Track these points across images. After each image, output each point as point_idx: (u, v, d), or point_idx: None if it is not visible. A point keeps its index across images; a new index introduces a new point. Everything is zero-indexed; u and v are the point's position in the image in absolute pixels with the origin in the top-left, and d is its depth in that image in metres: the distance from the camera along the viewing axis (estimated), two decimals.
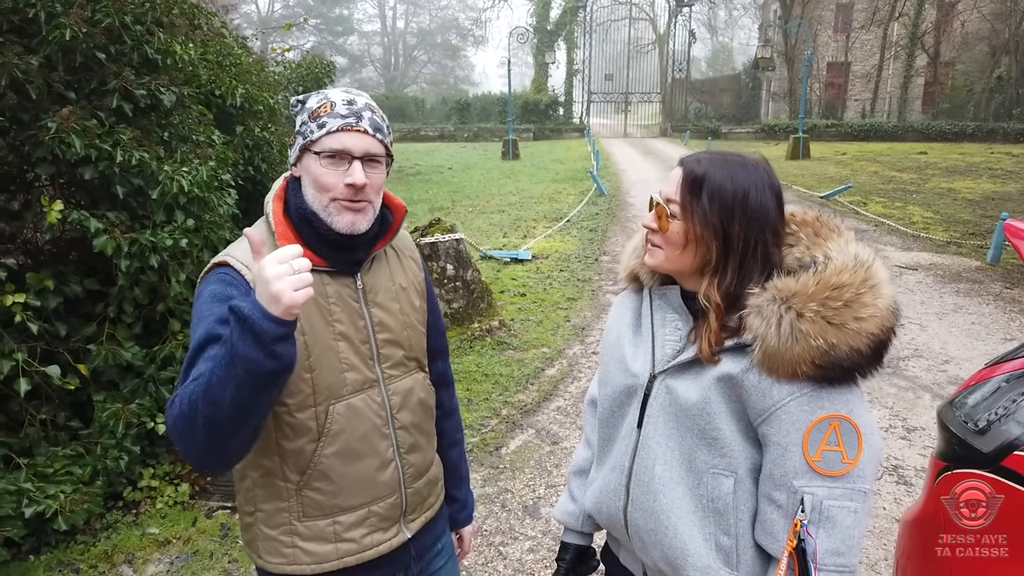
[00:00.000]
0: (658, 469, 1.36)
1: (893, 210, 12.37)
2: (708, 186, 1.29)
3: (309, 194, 1.36)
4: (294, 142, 1.39)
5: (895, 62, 33.32)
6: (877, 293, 1.22)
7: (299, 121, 1.38)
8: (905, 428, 4.45)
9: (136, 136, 3.43)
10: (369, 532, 1.48)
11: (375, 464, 1.46)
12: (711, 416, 1.29)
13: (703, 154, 1.35)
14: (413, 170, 20.35)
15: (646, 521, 1.39)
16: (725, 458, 1.30)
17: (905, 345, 5.88)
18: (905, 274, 8.22)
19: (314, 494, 1.42)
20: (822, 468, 1.22)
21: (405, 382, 1.52)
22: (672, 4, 35.82)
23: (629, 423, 1.43)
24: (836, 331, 1.19)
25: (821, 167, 19.31)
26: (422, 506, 1.60)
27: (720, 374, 1.28)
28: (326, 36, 56.77)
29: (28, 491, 2.99)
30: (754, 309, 1.24)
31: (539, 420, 4.70)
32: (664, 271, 1.39)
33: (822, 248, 1.29)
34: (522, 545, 3.36)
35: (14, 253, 3.49)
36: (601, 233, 10.87)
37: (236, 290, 1.30)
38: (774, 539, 1.27)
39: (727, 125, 33.81)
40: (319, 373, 1.37)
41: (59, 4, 3.22)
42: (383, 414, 1.47)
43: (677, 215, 1.31)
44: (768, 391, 1.23)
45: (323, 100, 1.36)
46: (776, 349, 1.20)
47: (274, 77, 7.41)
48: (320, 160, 1.33)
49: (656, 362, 1.40)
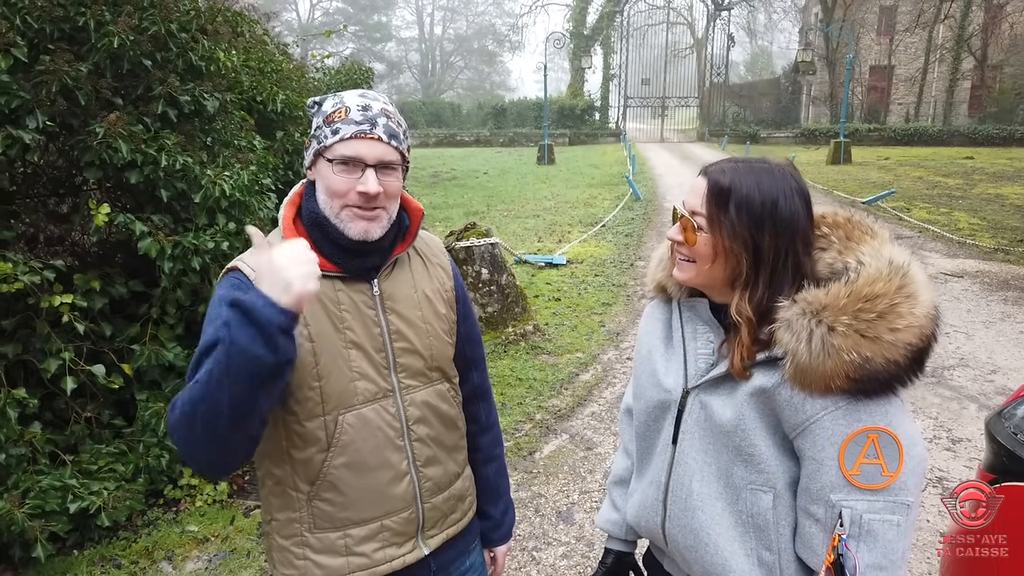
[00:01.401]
0: (695, 485, 1.34)
1: (938, 216, 12.07)
2: (735, 197, 1.24)
3: (321, 199, 1.34)
4: (309, 145, 1.36)
5: (940, 65, 32.54)
6: (914, 301, 1.16)
7: (314, 124, 1.36)
8: (950, 439, 4.33)
9: (180, 141, 3.51)
10: (382, 547, 1.43)
11: (387, 477, 1.41)
12: (746, 433, 1.26)
13: (726, 162, 1.30)
14: (449, 175, 20.48)
15: (685, 537, 1.37)
16: (763, 474, 1.27)
17: (951, 354, 5.73)
18: (951, 281, 8.01)
19: (324, 505, 1.38)
20: (861, 482, 1.18)
21: (424, 393, 1.46)
22: (710, 8, 35.50)
23: (664, 438, 1.42)
24: (870, 344, 1.14)
25: (863, 172, 18.94)
26: (443, 522, 1.53)
27: (753, 389, 1.24)
28: (365, 43, 57.47)
29: (73, 487, 3.07)
30: (784, 323, 1.20)
31: (573, 425, 4.67)
32: (694, 285, 1.35)
33: (854, 252, 1.24)
34: (555, 551, 3.34)
35: (62, 255, 3.59)
36: (637, 238, 10.80)
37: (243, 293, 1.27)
38: (813, 553, 1.24)
39: (766, 129, 33.35)
40: (327, 382, 1.34)
41: (108, 12, 3.31)
42: (397, 425, 1.42)
43: (704, 228, 1.27)
44: (801, 406, 1.20)
45: (338, 105, 1.33)
46: (808, 364, 1.16)
47: (314, 83, 7.52)
48: (333, 167, 1.31)
49: (689, 377, 1.37)
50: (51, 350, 3.19)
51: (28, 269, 3.03)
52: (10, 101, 2.98)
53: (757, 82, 44.22)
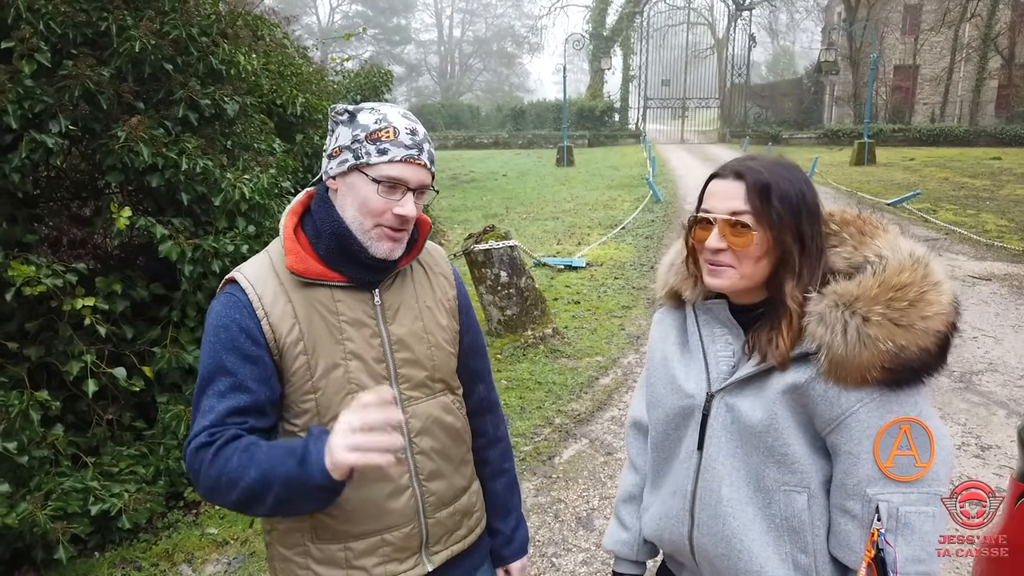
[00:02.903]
0: (725, 491, 1.31)
1: (965, 218, 11.87)
2: (776, 190, 1.24)
3: (350, 214, 1.33)
4: (337, 155, 1.32)
5: (966, 64, 32.04)
6: (940, 289, 1.18)
7: (349, 136, 1.31)
8: (979, 446, 4.24)
9: (200, 145, 3.53)
10: (382, 562, 1.40)
11: (386, 490, 1.38)
12: (779, 432, 1.25)
13: (747, 161, 1.30)
14: (467, 177, 20.50)
15: (716, 546, 1.33)
16: (796, 474, 1.25)
17: (979, 359, 5.62)
18: (978, 285, 7.85)
19: (324, 517, 1.36)
20: (895, 474, 1.18)
21: (427, 405, 1.44)
22: (732, 8, 35.25)
23: (688, 445, 1.38)
24: (904, 332, 1.15)
25: (888, 173, 18.68)
26: (448, 538, 1.49)
27: (785, 386, 1.23)
28: (384, 45, 57.81)
29: (94, 489, 3.08)
30: (815, 316, 1.20)
31: (593, 430, 4.64)
32: (734, 290, 1.31)
33: (870, 247, 1.25)
34: (575, 557, 3.31)
35: (85, 258, 3.62)
36: (657, 240, 10.73)
37: (239, 312, 1.30)
38: (851, 551, 1.23)
39: (788, 130, 33.03)
40: (323, 394, 1.33)
41: (130, 17, 3.33)
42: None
43: (752, 226, 1.25)
44: (836, 399, 1.20)
45: (384, 123, 1.30)
46: (844, 356, 1.16)
47: (333, 86, 7.56)
48: (377, 187, 1.29)
49: (711, 380, 1.35)
50: (73, 352, 3.21)
51: (51, 272, 3.05)
52: (34, 106, 3.01)
53: (779, 82, 43.83)
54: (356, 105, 1.35)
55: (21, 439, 2.89)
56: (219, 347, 1.29)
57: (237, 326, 1.29)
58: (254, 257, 1.40)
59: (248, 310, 1.30)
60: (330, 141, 1.36)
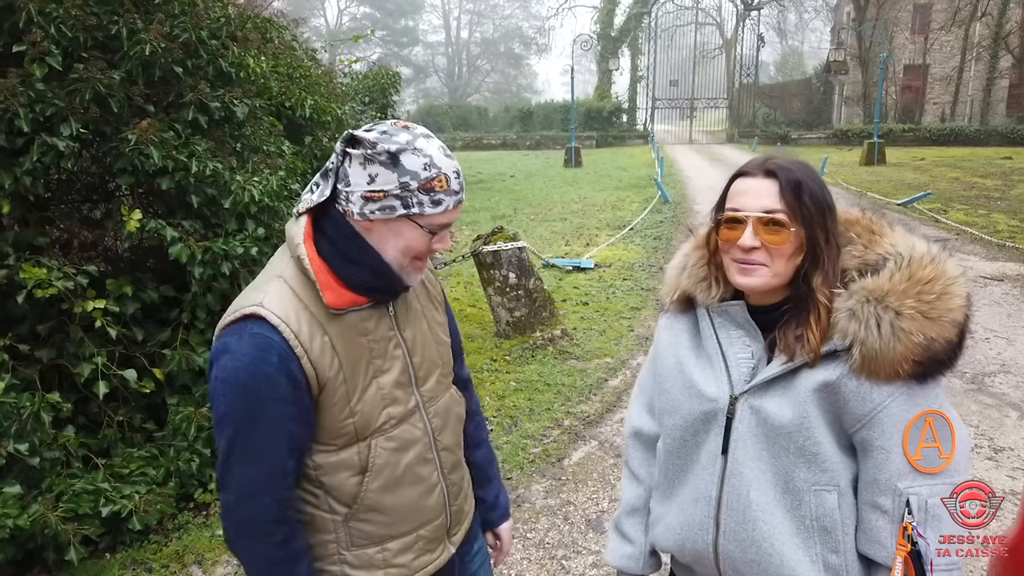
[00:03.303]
0: (753, 495, 1.30)
1: (976, 218, 11.78)
2: (806, 188, 1.26)
3: (391, 254, 1.29)
4: (379, 199, 1.23)
5: (977, 64, 31.81)
6: (959, 281, 1.23)
7: (395, 182, 1.22)
8: (992, 448, 4.20)
9: (210, 147, 3.54)
10: (417, 556, 1.45)
11: (422, 491, 1.43)
12: (810, 432, 1.25)
13: (778, 160, 1.31)
14: (475, 178, 20.49)
15: (745, 552, 1.31)
16: (827, 473, 1.26)
17: (991, 360, 5.57)
18: (990, 285, 7.79)
19: (363, 525, 1.38)
20: (923, 466, 1.21)
21: (444, 401, 1.49)
22: (740, 8, 35.14)
23: (710, 450, 1.36)
24: (933, 325, 1.18)
25: (898, 173, 18.58)
26: (463, 520, 1.59)
27: (816, 384, 1.24)
28: (392, 47, 57.92)
29: (105, 491, 3.10)
30: (845, 312, 1.22)
31: (602, 432, 4.62)
32: (769, 288, 1.31)
33: (882, 244, 1.28)
34: (585, 560, 3.30)
35: (95, 260, 3.63)
36: (666, 241, 10.70)
37: (276, 355, 1.21)
38: (881, 547, 1.23)
39: (797, 130, 32.88)
40: (361, 415, 1.33)
41: (140, 20, 3.34)
42: (426, 440, 1.44)
43: (786, 223, 1.26)
44: (868, 395, 1.21)
45: (434, 171, 1.24)
46: (879, 351, 1.18)
47: (342, 88, 7.57)
48: (424, 231, 1.28)
49: (733, 383, 1.33)
50: (84, 355, 3.23)
51: (62, 275, 3.07)
52: (45, 109, 3.02)
53: (788, 82, 43.64)
54: (387, 135, 1.24)
55: (33, 441, 2.90)
56: (255, 398, 1.22)
57: (276, 371, 1.21)
58: (265, 287, 1.29)
59: (284, 351, 1.22)
60: (357, 176, 1.24)
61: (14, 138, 3.03)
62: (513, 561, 3.30)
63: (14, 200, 3.13)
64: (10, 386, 2.95)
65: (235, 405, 1.22)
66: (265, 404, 1.21)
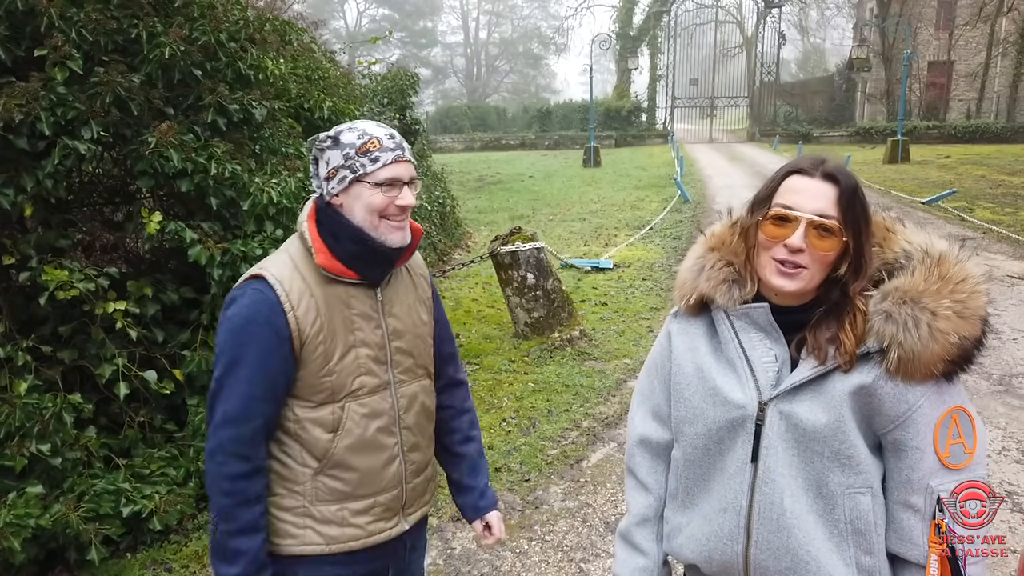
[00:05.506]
0: (787, 503, 1.27)
1: (1003, 216, 11.57)
2: (858, 197, 1.26)
3: (360, 217, 1.53)
4: (335, 175, 1.52)
5: (1003, 59, 31.26)
6: (983, 278, 1.23)
7: (340, 156, 1.51)
8: (1020, 451, 4.12)
9: (229, 149, 3.55)
10: (374, 520, 1.63)
11: (384, 459, 1.62)
12: (846, 435, 1.24)
13: (834, 163, 1.29)
14: (494, 179, 20.50)
15: (779, 561, 1.28)
16: (861, 475, 1.25)
17: (1019, 361, 5.45)
18: (1017, 285, 7.65)
19: (329, 480, 1.57)
20: (951, 463, 1.22)
21: (412, 387, 1.69)
22: (761, 6, 34.81)
23: (738, 459, 1.32)
24: (965, 324, 1.19)
25: (922, 171, 18.31)
26: (419, 501, 1.75)
27: (852, 387, 1.23)
28: (411, 48, 58.07)
29: (126, 491, 3.12)
30: (880, 315, 1.21)
31: (621, 433, 4.59)
32: (804, 291, 1.29)
33: (897, 243, 1.28)
34: (604, 563, 3.27)
35: (116, 262, 3.67)
36: (685, 241, 10.62)
37: (267, 307, 1.48)
38: (914, 545, 1.23)
39: (819, 129, 32.51)
40: (338, 376, 1.55)
41: (160, 24, 3.37)
42: (392, 414, 1.63)
43: (836, 232, 1.23)
44: (903, 396, 1.21)
45: (366, 136, 1.51)
46: (916, 352, 1.18)
47: (360, 90, 7.60)
48: (380, 189, 1.51)
49: (761, 388, 1.29)
50: (105, 356, 3.25)
51: (84, 276, 3.10)
52: (66, 112, 3.05)
53: (809, 80, 43.21)
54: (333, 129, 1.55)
55: (55, 441, 2.93)
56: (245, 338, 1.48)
57: (265, 320, 1.48)
58: (273, 256, 1.61)
59: (275, 305, 1.49)
60: (321, 167, 1.56)
61: (36, 141, 3.06)
62: (531, 564, 3.28)
63: (36, 203, 3.16)
64: (32, 387, 2.98)
65: (228, 343, 1.50)
66: (251, 346, 1.48)
